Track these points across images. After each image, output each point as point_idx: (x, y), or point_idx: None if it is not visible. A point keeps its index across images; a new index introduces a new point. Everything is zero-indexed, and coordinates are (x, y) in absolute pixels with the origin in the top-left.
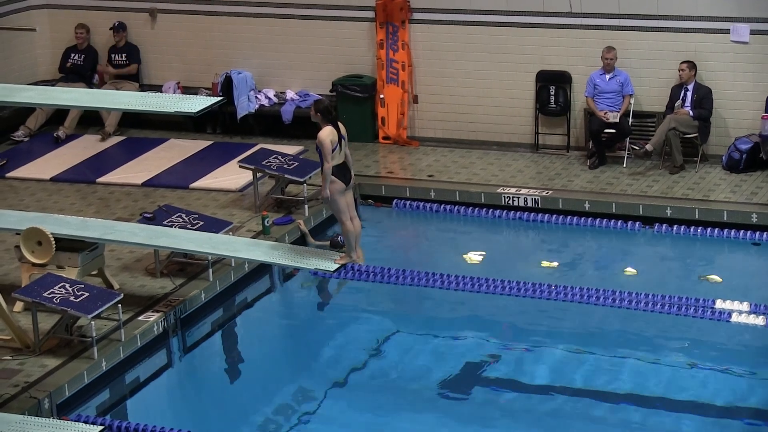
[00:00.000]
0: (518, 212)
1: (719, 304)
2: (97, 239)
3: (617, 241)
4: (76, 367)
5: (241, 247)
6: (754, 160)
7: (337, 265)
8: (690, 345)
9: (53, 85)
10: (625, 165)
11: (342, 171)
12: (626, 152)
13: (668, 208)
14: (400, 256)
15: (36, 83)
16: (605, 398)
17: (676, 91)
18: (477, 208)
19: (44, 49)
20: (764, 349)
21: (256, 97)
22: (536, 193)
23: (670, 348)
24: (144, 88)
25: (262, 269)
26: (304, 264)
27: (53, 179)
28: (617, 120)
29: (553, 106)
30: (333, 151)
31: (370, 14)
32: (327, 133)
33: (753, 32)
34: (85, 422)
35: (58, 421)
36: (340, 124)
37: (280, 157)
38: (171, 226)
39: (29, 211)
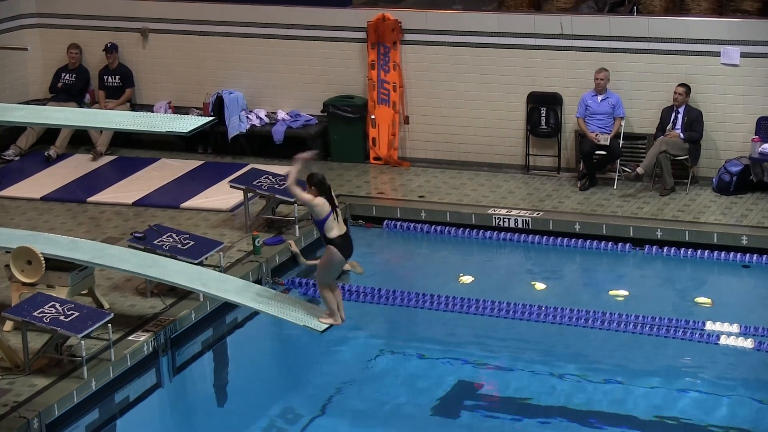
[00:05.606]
0: (509, 233)
1: (709, 326)
2: (87, 263)
3: (607, 263)
4: (66, 387)
5: (231, 288)
6: (745, 182)
7: (325, 326)
8: (680, 367)
9: (44, 105)
10: (615, 187)
11: (345, 242)
12: (617, 174)
13: (658, 230)
14: (390, 277)
15: (27, 102)
16: (593, 419)
17: (667, 113)
18: (467, 229)
19: (36, 69)
20: (753, 371)
21: (248, 117)
22: (527, 215)
23: (659, 370)
24: (135, 107)
25: None
26: (291, 318)
27: (44, 198)
28: (608, 142)
29: (544, 127)
30: (327, 218)
31: (362, 35)
32: (320, 202)
33: (743, 55)
34: None
35: None
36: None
37: (271, 177)
38: (162, 246)
39: (19, 230)
